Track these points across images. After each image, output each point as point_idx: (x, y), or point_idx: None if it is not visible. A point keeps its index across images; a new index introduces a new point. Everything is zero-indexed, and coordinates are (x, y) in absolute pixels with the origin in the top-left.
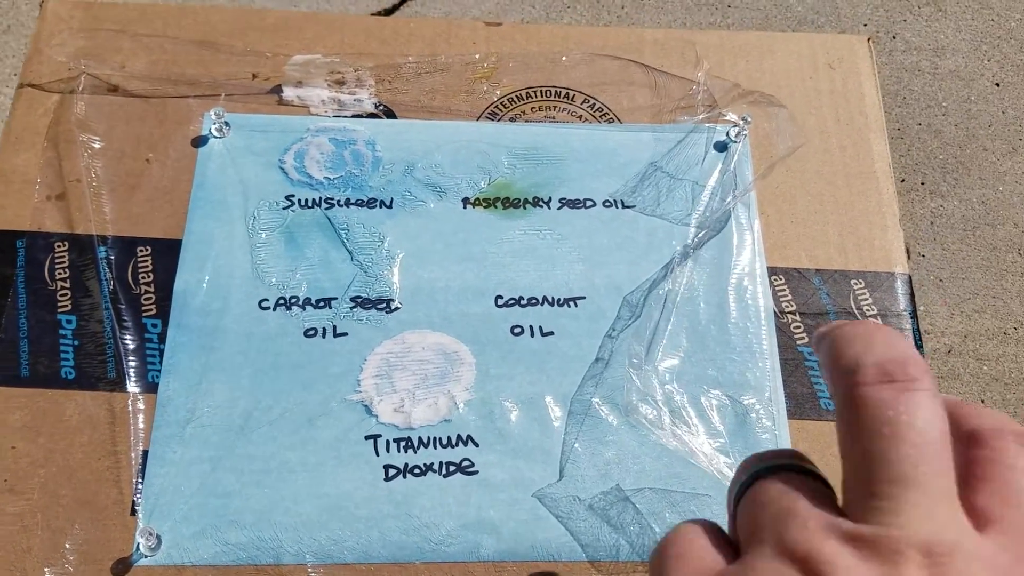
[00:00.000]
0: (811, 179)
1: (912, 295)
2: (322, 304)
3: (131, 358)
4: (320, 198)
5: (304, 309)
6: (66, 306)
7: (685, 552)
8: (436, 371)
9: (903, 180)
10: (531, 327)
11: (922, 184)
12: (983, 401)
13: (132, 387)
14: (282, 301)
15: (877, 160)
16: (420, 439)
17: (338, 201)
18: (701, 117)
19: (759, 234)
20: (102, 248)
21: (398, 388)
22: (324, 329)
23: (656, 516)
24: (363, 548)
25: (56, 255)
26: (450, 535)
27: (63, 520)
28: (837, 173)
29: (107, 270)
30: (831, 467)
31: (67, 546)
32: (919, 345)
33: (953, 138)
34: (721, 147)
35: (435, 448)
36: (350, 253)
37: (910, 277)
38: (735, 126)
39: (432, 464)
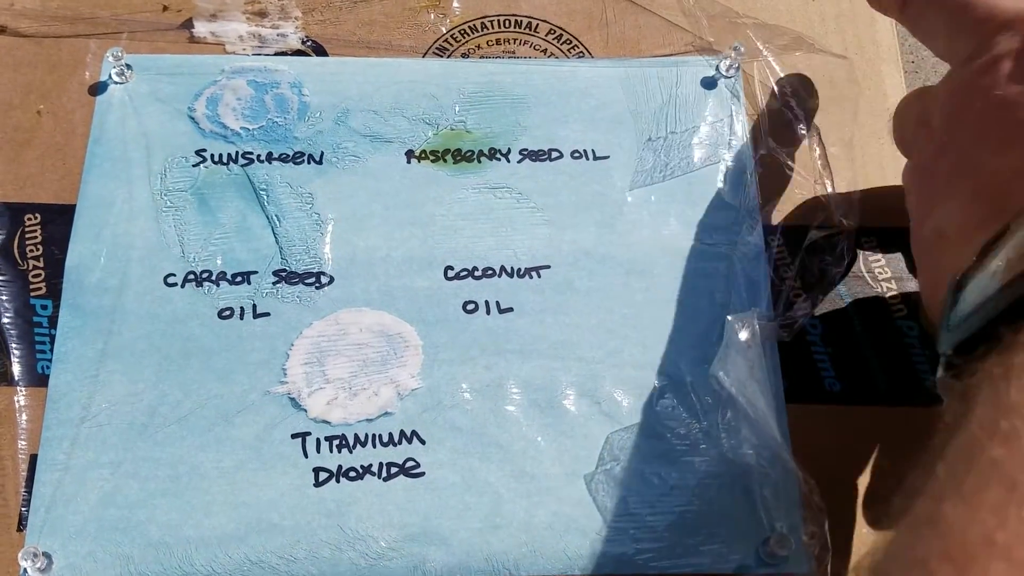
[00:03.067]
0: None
1: None
2: (239, 279)
3: (16, 346)
4: (237, 152)
5: (218, 285)
6: None
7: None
8: (376, 356)
9: None
10: (487, 302)
11: None
12: None
13: (18, 380)
14: (192, 276)
15: (890, 96)
16: (356, 436)
17: (258, 156)
18: (687, 49)
19: (756, 188)
20: None
21: (331, 377)
22: (242, 309)
23: (633, 518)
24: (288, 567)
25: None
26: (391, 548)
27: None
28: (845, 110)
29: None
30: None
31: None
32: None
33: None
34: (710, 84)
35: (374, 447)
36: (272, 219)
37: None
38: (726, 58)
39: (370, 466)
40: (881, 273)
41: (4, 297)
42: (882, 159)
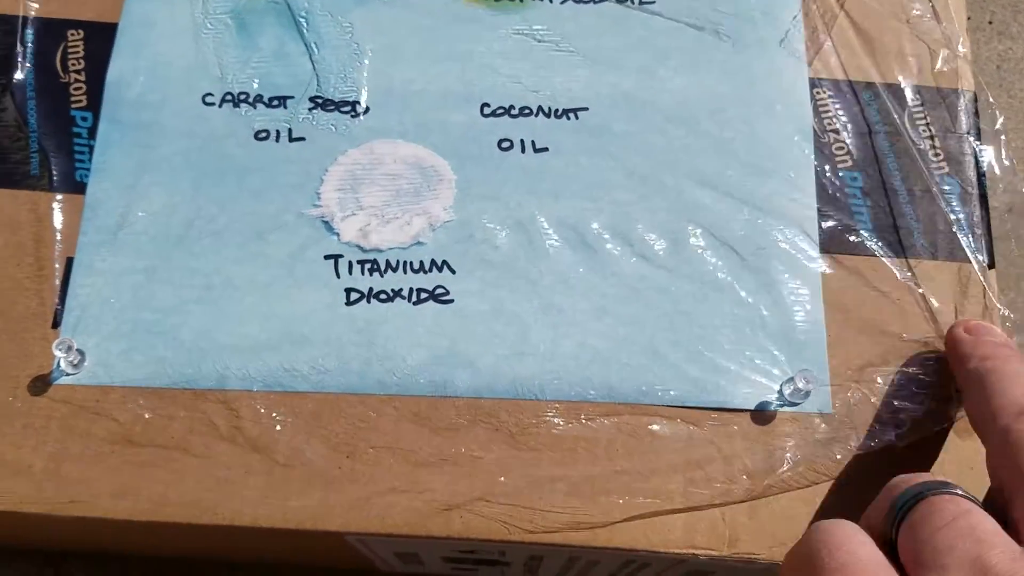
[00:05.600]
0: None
1: (976, 114)
2: (276, 103)
3: (55, 154)
4: None
5: (255, 107)
6: None
7: (850, 564)
8: (410, 187)
9: (969, 18)
10: (522, 141)
11: (990, 24)
12: None
13: (58, 187)
14: (229, 97)
15: None
16: (388, 262)
17: None
18: None
19: (800, 37)
20: (28, 30)
21: (364, 205)
22: (278, 132)
23: (657, 355)
24: (318, 377)
25: None
26: (418, 368)
27: None
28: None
29: (32, 55)
30: (870, 309)
31: None
32: (980, 173)
33: None
34: None
35: (405, 272)
36: (310, 46)
37: (975, 95)
38: None
39: (401, 290)
40: (924, 131)
41: (45, 107)
42: None
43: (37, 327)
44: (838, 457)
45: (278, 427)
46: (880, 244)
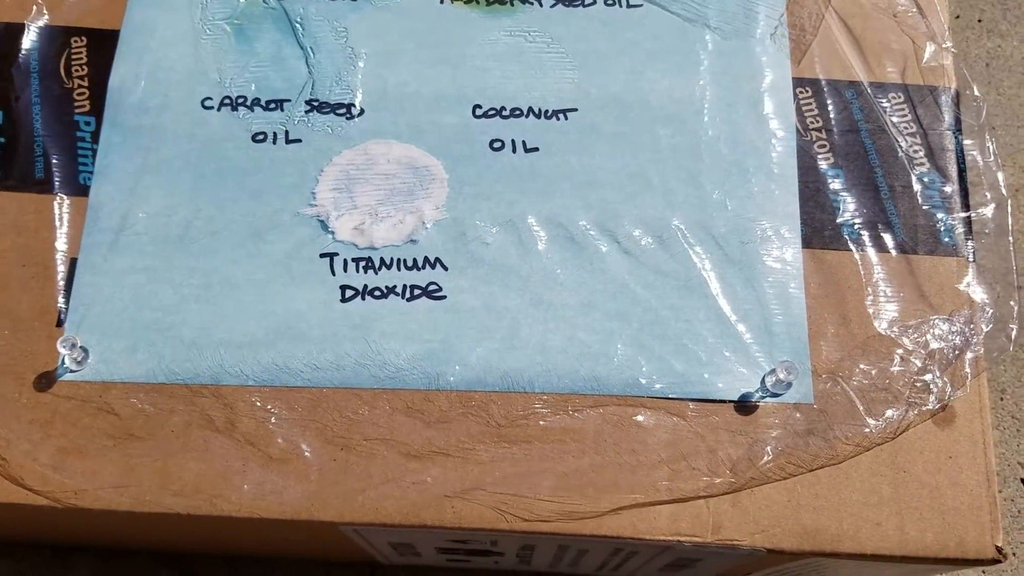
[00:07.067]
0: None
1: (959, 109)
2: (273, 106)
3: (58, 157)
4: None
5: (252, 110)
6: None
7: None
8: (403, 187)
9: (958, 16)
10: (513, 141)
11: (979, 21)
12: None
13: (61, 189)
14: (227, 101)
15: None
16: (382, 259)
17: None
18: None
19: (784, 38)
20: (33, 38)
21: (359, 204)
22: (275, 134)
23: (643, 348)
24: (313, 372)
25: None
26: (411, 362)
27: None
28: None
29: (37, 61)
30: (850, 303)
31: None
32: (962, 168)
33: None
34: None
35: (399, 270)
36: (306, 50)
37: (958, 91)
38: None
39: (395, 287)
40: (907, 128)
41: (49, 112)
42: None
43: (42, 326)
44: (816, 448)
45: (273, 420)
46: (861, 239)
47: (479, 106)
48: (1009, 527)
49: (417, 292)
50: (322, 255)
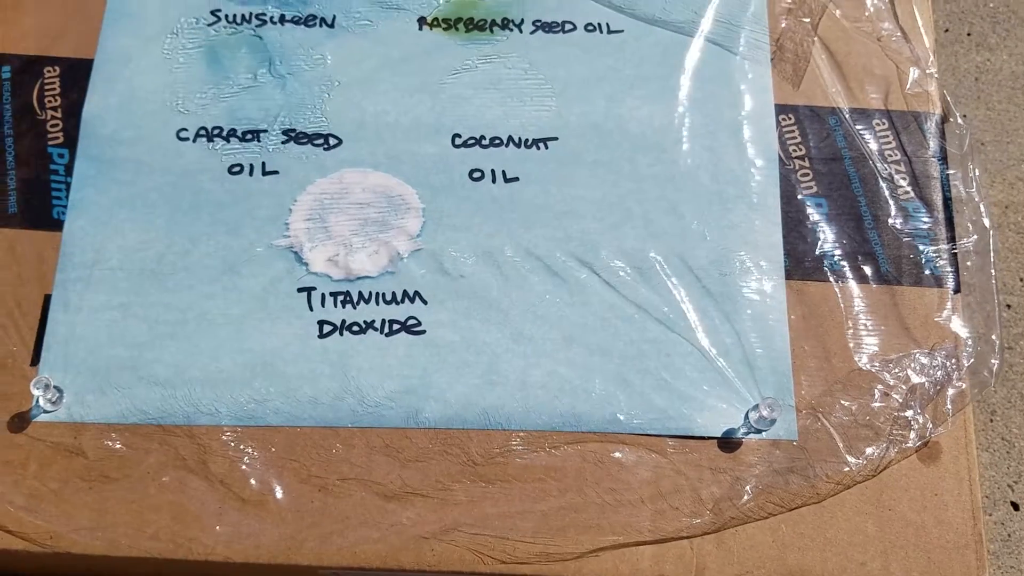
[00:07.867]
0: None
1: (943, 136)
2: (249, 136)
3: (34, 192)
4: (251, 14)
5: (228, 141)
6: None
7: None
8: (377, 216)
9: (947, 30)
10: (493, 171)
11: (968, 36)
12: (1021, 280)
13: (35, 224)
14: (203, 132)
15: (916, 1)
16: (361, 293)
17: (271, 18)
18: None
19: (768, 63)
20: (5, 67)
21: (333, 234)
22: (251, 166)
23: (624, 383)
24: (289, 410)
25: None
26: (389, 398)
27: None
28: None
29: (9, 93)
30: (832, 336)
31: None
32: (947, 197)
33: None
34: None
35: (377, 304)
36: (282, 78)
37: (943, 116)
38: None
39: (373, 322)
40: (891, 156)
41: (23, 144)
42: None
43: (16, 365)
44: (797, 487)
45: (246, 460)
46: (843, 271)
47: (458, 135)
48: (999, 551)
49: (396, 327)
50: (300, 289)
